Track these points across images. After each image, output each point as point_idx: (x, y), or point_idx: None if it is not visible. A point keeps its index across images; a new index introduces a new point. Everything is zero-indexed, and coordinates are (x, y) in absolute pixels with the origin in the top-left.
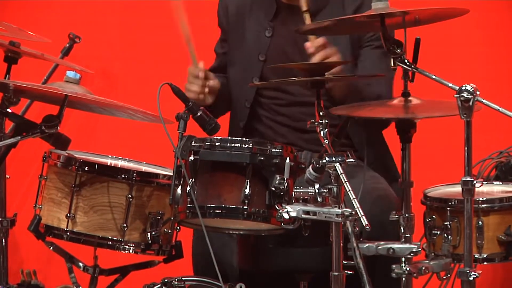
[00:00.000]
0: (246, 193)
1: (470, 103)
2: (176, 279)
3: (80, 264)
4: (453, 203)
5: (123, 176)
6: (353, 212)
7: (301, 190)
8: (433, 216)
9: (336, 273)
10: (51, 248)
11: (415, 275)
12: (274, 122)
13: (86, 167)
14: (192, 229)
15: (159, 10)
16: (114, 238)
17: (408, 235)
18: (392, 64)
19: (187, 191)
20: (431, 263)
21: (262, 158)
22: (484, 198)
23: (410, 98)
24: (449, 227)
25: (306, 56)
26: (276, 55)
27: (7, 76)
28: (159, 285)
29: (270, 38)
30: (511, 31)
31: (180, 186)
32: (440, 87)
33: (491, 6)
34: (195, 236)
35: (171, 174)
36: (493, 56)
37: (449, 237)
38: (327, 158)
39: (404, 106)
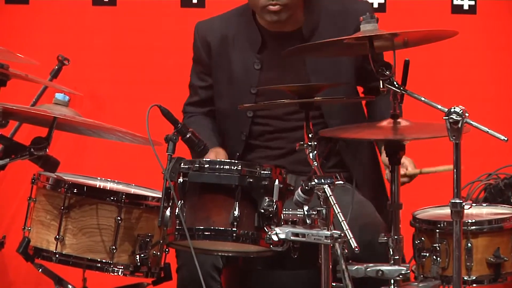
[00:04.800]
0: (235, 215)
1: (459, 125)
2: None
3: (69, 286)
4: (442, 225)
5: (112, 198)
6: (342, 234)
7: (290, 212)
8: (422, 238)
9: None
10: (40, 270)
11: None
12: (269, 149)
13: (75, 189)
14: (176, 257)
15: (148, 32)
16: (103, 260)
17: (397, 257)
18: (381, 87)
19: (176, 213)
20: (420, 285)
21: (251, 180)
22: (473, 220)
23: (399, 120)
24: (438, 249)
25: (299, 82)
26: (268, 86)
27: None
28: None
29: (259, 70)
30: (499, 53)
31: (169, 208)
32: (429, 108)
33: (480, 28)
34: (179, 262)
35: (160, 196)
36: (482, 78)
37: (438, 259)
38: (316, 180)
39: (393, 127)
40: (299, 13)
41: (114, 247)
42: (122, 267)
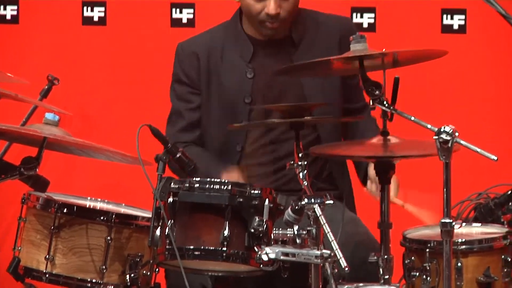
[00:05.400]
0: (225, 234)
1: (449, 145)
2: None
3: None
4: (432, 244)
5: (102, 218)
6: (332, 254)
7: (280, 232)
8: (412, 258)
9: None
10: None
11: None
12: (262, 163)
13: (65, 209)
14: (165, 278)
15: (137, 52)
16: (93, 280)
17: (387, 276)
18: (371, 104)
19: (166, 233)
20: None
21: (241, 199)
22: (463, 240)
23: (388, 137)
24: (428, 268)
25: (290, 92)
26: (261, 95)
27: None
28: None
29: (252, 79)
30: (489, 72)
31: (159, 227)
32: (420, 126)
33: (470, 47)
34: (169, 282)
35: (150, 215)
36: (472, 97)
37: (428, 278)
38: (306, 200)
39: (383, 145)
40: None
41: (104, 267)
42: (112, 287)
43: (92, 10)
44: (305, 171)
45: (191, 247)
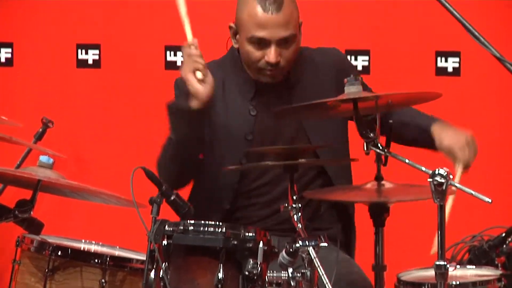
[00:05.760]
0: (219, 277)
1: (443, 187)
2: None
3: None
4: (426, 287)
5: (96, 260)
6: None
7: (275, 274)
8: None
9: None
10: None
11: None
12: (257, 204)
13: (59, 252)
14: None
15: (132, 95)
16: None
17: None
18: (365, 149)
19: (160, 276)
20: None
21: (236, 242)
22: (458, 282)
23: (383, 182)
24: None
25: (292, 131)
26: (263, 132)
27: None
28: None
29: (255, 116)
30: (483, 115)
31: (154, 270)
32: (414, 169)
33: (464, 90)
34: None
35: (144, 258)
36: None
37: None
38: (300, 242)
39: (377, 190)
40: None
41: None
42: None
43: (86, 53)
44: (300, 214)
45: None
